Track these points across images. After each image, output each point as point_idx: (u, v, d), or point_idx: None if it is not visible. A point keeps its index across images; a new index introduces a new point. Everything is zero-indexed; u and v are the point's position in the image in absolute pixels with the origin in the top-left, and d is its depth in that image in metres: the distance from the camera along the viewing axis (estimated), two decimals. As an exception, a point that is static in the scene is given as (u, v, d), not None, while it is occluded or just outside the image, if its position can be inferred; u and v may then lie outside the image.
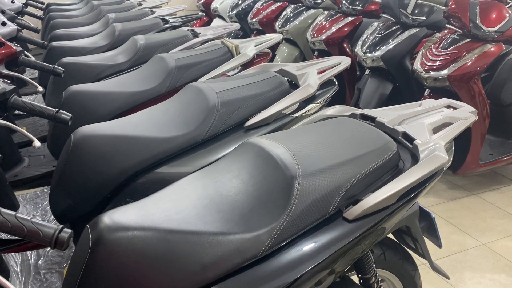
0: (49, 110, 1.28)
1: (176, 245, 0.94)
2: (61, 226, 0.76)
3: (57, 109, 1.30)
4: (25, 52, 1.90)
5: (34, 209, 2.06)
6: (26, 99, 1.43)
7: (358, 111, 1.37)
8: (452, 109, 1.35)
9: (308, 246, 0.99)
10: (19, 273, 1.63)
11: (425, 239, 1.39)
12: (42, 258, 1.71)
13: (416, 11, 2.94)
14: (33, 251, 1.75)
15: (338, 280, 1.23)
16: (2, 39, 1.77)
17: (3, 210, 0.74)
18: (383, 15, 3.25)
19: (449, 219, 2.61)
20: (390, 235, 1.48)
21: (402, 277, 1.43)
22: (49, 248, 1.80)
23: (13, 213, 0.74)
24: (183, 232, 0.96)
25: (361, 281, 1.28)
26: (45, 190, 2.19)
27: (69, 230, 0.76)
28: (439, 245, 1.37)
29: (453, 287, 2.09)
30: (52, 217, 1.95)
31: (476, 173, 2.86)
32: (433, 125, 1.25)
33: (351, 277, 1.31)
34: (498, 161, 2.77)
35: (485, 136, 2.64)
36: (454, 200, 2.82)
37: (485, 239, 2.43)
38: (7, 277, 1.51)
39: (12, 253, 1.70)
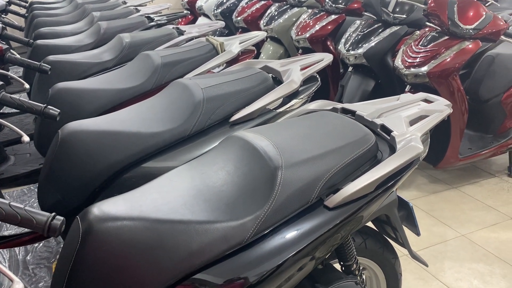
0: (37, 106, 1.31)
1: (164, 234, 0.97)
2: (53, 214, 0.79)
3: (45, 105, 1.33)
4: (11, 50, 1.91)
5: None
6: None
7: (339, 105, 1.42)
8: (428, 102, 1.41)
9: (291, 233, 1.03)
10: (7, 268, 1.64)
11: (404, 228, 1.45)
12: (30, 254, 1.72)
13: (397, 10, 3.01)
14: (21, 247, 1.76)
15: (321, 267, 1.28)
16: (-12, 37, 1.78)
17: (-3, 199, 0.77)
18: (365, 13, 3.31)
19: (430, 212, 2.68)
20: (371, 225, 1.54)
21: (383, 265, 1.49)
22: (37, 244, 1.81)
23: (7, 201, 0.77)
24: (171, 221, 0.99)
25: (343, 268, 1.33)
26: (32, 187, 2.20)
27: (61, 218, 0.79)
28: (418, 233, 1.43)
29: (434, 276, 2.16)
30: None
31: (456, 167, 2.94)
32: (410, 117, 1.30)
33: (333, 264, 1.36)
34: (477, 155, 2.86)
35: (464, 131, 2.72)
36: (434, 193, 2.90)
37: (464, 230, 2.52)
38: (-5, 272, 1.51)
39: (0, 250, 1.71)
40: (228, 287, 0.97)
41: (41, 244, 1.79)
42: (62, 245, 1.78)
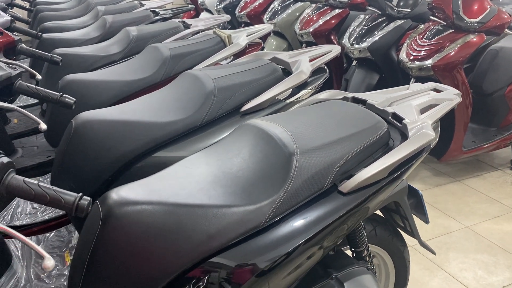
0: (53, 94, 1.32)
1: (183, 218, 0.99)
2: (80, 194, 0.80)
3: (61, 93, 1.34)
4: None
5: None
6: None
7: (350, 94, 1.43)
8: (437, 92, 1.42)
9: (306, 217, 1.05)
10: (20, 257, 1.67)
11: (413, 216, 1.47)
12: (42, 243, 1.74)
13: (401, 3, 3.03)
14: (32, 237, 1.78)
15: (332, 253, 1.30)
16: (1, 28, 1.79)
17: (27, 179, 0.79)
18: (369, 7, 3.33)
19: (434, 204, 2.71)
20: (380, 214, 1.56)
21: (392, 253, 1.51)
22: (48, 234, 1.83)
23: (36, 182, 0.79)
24: (189, 206, 1.01)
25: (354, 254, 1.35)
26: (40, 179, 2.21)
27: (88, 198, 0.81)
28: (426, 221, 1.45)
29: (439, 267, 2.18)
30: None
31: (460, 160, 2.97)
32: (420, 106, 1.32)
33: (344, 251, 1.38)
34: (480, 148, 2.88)
35: (468, 124, 2.74)
36: (438, 186, 2.92)
37: (468, 222, 2.54)
38: (9, 261, 1.54)
39: (12, 239, 1.72)
40: (246, 269, 0.99)
41: (52, 234, 1.81)
42: (73, 235, 1.80)
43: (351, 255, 1.35)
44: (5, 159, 0.77)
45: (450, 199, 2.76)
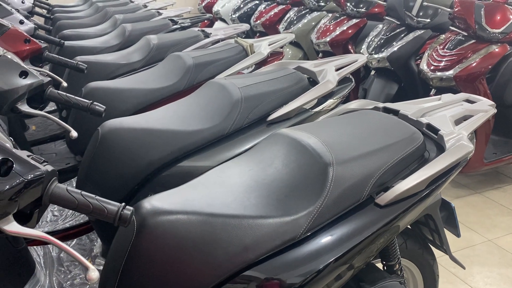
0: (83, 102, 1.32)
1: (218, 228, 0.97)
2: (123, 204, 0.79)
3: (91, 101, 1.34)
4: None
5: (50, 205, 2.08)
6: None
7: (381, 104, 1.41)
8: (471, 103, 1.40)
9: (344, 230, 1.03)
10: (42, 265, 1.65)
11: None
12: (63, 252, 1.73)
13: (421, 13, 3.01)
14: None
15: (363, 267, 1.27)
16: (28, 36, 1.80)
17: (70, 188, 0.77)
18: (386, 17, 3.32)
19: (455, 216, 2.66)
20: (408, 226, 1.53)
21: (421, 266, 1.47)
22: (69, 241, 1.82)
23: (79, 191, 0.78)
24: (224, 216, 0.99)
25: (385, 267, 1.32)
26: (60, 186, 2.20)
27: (131, 208, 0.80)
28: (458, 234, 1.42)
29: (463, 281, 2.14)
30: (70, 211, 1.97)
31: (480, 171, 2.92)
32: (454, 117, 1.30)
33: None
34: (502, 160, 2.84)
35: (490, 135, 2.70)
36: (458, 198, 2.87)
37: (491, 235, 2.49)
38: (33, 268, 1.53)
39: (34, 246, 1.71)
40: (284, 283, 0.97)
41: (74, 242, 1.80)
42: (95, 243, 1.78)
43: (381, 269, 1.32)
44: (49, 167, 0.76)
45: (471, 212, 2.71)
